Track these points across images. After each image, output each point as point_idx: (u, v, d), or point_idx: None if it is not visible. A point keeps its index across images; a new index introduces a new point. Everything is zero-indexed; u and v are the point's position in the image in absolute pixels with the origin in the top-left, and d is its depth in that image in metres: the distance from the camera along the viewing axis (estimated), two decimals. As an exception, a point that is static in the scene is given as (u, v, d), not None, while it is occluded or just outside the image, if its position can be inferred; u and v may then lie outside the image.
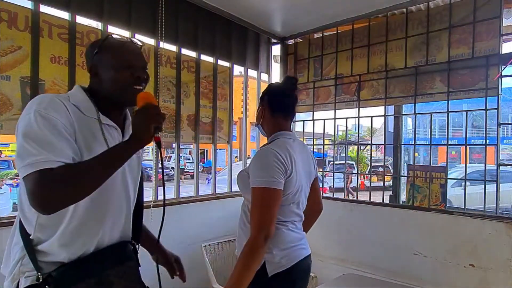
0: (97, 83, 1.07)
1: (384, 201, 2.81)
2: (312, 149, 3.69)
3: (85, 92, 1.07)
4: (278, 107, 1.50)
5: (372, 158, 4.78)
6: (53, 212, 0.90)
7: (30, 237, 0.98)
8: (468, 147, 2.61)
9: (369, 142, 3.57)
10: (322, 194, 2.18)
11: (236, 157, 13.26)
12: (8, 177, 10.67)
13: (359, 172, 3.37)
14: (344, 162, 4.06)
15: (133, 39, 1.15)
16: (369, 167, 7.48)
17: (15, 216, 1.05)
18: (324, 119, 3.23)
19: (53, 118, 0.92)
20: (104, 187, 0.96)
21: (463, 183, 2.54)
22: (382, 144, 3.28)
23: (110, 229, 1.08)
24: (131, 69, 1.05)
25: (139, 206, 1.23)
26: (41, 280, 0.95)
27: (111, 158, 0.95)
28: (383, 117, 4.15)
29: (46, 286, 0.94)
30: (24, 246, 0.98)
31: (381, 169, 8.63)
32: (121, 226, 1.12)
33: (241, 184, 1.45)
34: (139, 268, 1.19)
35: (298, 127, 3.59)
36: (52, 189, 0.86)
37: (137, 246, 1.21)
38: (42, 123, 0.90)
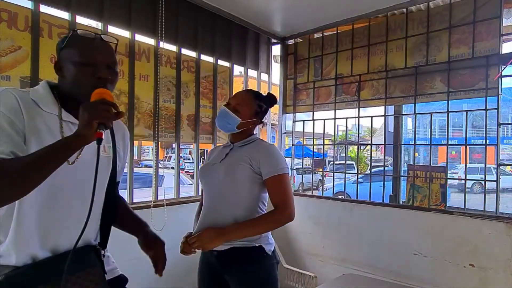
0: (61, 80, 1.03)
1: (384, 201, 2.81)
2: (312, 149, 3.70)
3: (51, 87, 1.03)
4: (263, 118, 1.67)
5: (372, 158, 4.78)
6: None
7: None
8: (468, 147, 2.62)
9: (369, 142, 3.57)
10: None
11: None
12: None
13: (359, 172, 3.36)
14: (344, 162, 4.07)
15: (104, 35, 1.05)
16: (369, 167, 7.50)
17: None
18: (324, 119, 3.23)
19: None
20: (56, 188, 0.95)
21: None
22: (382, 144, 3.28)
23: (67, 233, 1.00)
24: (92, 67, 0.98)
25: (111, 210, 1.15)
26: None
27: (47, 154, 0.86)
28: (383, 117, 4.15)
29: None
30: None
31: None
32: (81, 230, 0.96)
33: (243, 177, 1.48)
34: (106, 275, 1.08)
35: (298, 127, 3.59)
36: None
37: (102, 252, 1.11)
38: None
